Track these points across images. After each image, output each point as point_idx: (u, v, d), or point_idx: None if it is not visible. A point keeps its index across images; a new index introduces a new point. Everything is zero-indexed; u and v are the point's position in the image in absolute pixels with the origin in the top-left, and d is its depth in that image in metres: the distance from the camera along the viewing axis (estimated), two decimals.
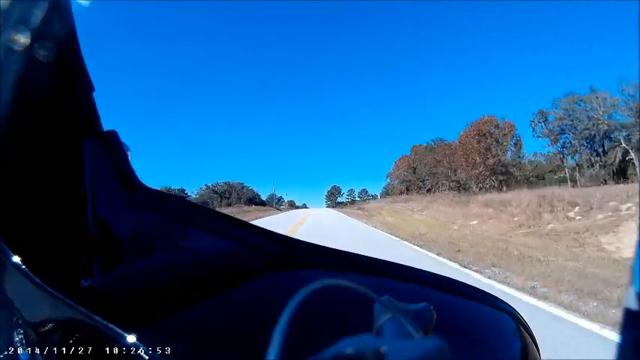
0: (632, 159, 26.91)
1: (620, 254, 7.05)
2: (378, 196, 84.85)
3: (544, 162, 35.84)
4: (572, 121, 30.28)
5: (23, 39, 0.37)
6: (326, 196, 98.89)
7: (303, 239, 0.47)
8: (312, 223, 19.59)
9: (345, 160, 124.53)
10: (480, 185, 32.89)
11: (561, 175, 31.16)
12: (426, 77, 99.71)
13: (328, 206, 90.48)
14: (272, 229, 0.46)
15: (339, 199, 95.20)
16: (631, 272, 0.24)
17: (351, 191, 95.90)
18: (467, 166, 34.55)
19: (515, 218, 13.00)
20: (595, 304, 3.97)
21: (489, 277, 5.41)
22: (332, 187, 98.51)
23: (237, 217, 0.51)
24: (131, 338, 0.31)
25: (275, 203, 74.63)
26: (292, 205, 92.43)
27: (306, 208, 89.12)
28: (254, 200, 56.08)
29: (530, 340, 0.50)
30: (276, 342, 0.19)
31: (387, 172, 62.18)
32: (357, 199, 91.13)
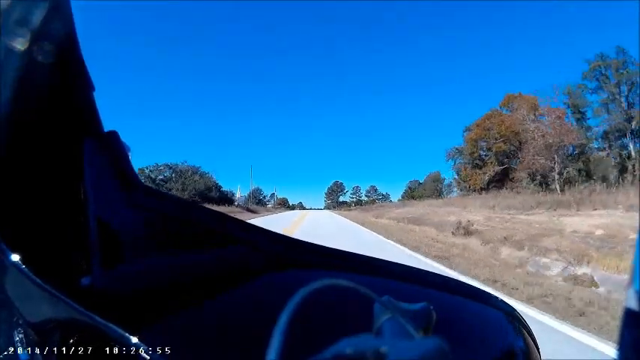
0: None
1: None
2: (390, 196, 72.79)
3: None
4: None
5: (23, 39, 0.37)
6: (326, 194, 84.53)
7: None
8: None
9: (349, 151, 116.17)
10: None
11: None
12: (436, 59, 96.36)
13: (327, 206, 79.01)
14: None
15: (341, 198, 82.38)
16: (631, 272, 0.24)
17: (356, 189, 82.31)
18: None
19: None
20: None
21: None
22: (333, 184, 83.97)
23: None
24: (131, 338, 0.31)
25: (250, 201, 57.51)
26: (284, 205, 79.81)
27: (304, 209, 77.95)
28: (207, 194, 36.59)
29: (530, 339, 0.50)
30: (276, 342, 0.19)
31: (453, 146, 34.37)
32: (364, 198, 79.36)
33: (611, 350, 3.16)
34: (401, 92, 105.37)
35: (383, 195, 79.36)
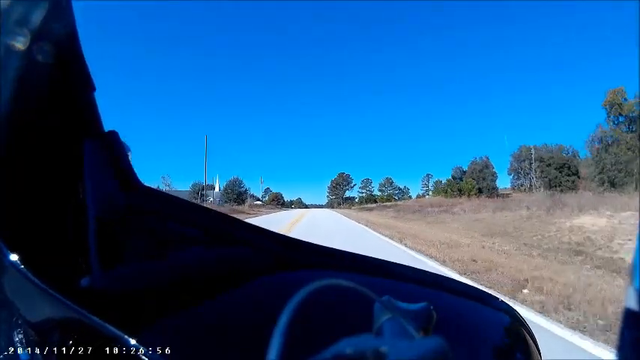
0: None
1: None
2: (410, 191, 58.16)
3: None
4: None
5: (23, 39, 0.37)
6: (329, 188, 69.11)
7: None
8: None
9: (356, 139, 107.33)
10: None
11: None
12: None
13: (330, 203, 65.80)
14: None
15: (347, 194, 66.91)
16: (631, 272, 0.24)
17: (366, 182, 66.15)
18: None
19: None
20: None
21: None
22: (338, 176, 68.53)
23: None
24: (131, 338, 0.31)
25: (227, 196, 43.20)
26: (278, 202, 65.42)
27: (304, 207, 66.59)
28: None
29: (530, 340, 0.50)
30: (277, 342, 0.19)
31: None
32: (377, 193, 63.77)
33: None
34: (414, 68, 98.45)
35: (400, 189, 63.84)
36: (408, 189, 64.38)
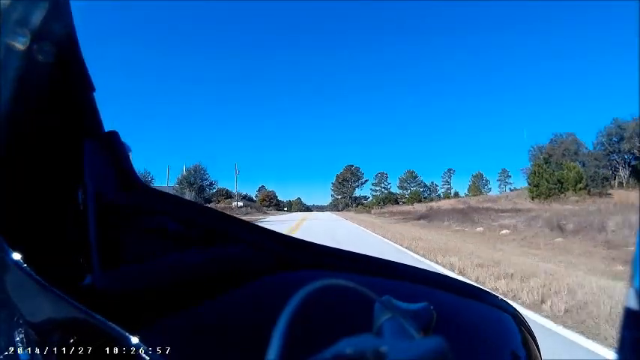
0: None
1: None
2: (438, 188, 44.12)
3: None
4: None
5: (23, 39, 0.37)
6: (333, 185, 56.06)
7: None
8: None
9: (365, 124, 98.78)
10: None
11: None
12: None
13: (335, 204, 53.71)
14: None
15: (357, 192, 52.37)
16: (631, 272, 0.24)
17: (381, 177, 52.46)
18: None
19: None
20: None
21: None
22: (345, 170, 55.15)
23: None
24: (131, 338, 0.31)
25: (189, 188, 34.81)
26: (271, 203, 50.68)
27: (306, 209, 54.34)
28: None
29: (530, 339, 0.50)
30: (276, 342, 0.19)
31: None
32: (398, 191, 49.12)
33: None
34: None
35: (427, 186, 50.09)
36: (436, 185, 50.50)
